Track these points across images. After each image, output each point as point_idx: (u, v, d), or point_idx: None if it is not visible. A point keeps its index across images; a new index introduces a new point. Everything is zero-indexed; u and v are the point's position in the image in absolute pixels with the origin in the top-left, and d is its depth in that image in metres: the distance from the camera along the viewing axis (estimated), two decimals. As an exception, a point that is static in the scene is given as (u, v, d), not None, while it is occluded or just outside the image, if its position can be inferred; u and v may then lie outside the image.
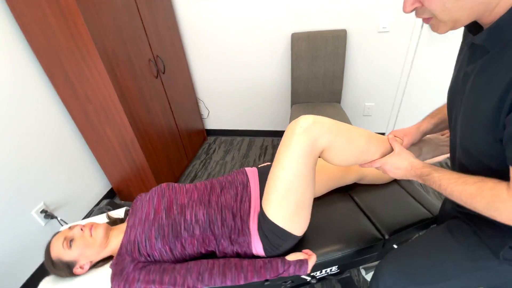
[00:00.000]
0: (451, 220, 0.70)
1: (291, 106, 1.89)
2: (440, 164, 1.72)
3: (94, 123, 1.37)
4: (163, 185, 0.90)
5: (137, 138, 1.37)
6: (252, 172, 0.95)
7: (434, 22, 0.49)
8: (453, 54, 1.97)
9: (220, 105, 2.24)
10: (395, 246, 1.28)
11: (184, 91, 1.93)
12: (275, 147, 2.17)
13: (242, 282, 0.74)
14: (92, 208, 1.61)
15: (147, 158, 1.46)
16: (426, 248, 0.70)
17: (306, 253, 0.78)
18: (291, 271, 0.74)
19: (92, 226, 0.82)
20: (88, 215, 1.35)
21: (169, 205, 0.82)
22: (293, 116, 1.70)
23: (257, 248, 0.79)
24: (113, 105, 1.25)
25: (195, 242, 0.79)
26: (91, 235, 0.80)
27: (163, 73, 1.61)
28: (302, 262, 0.75)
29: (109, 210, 1.39)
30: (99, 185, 1.69)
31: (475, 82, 0.50)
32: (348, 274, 1.19)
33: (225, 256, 0.81)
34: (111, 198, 1.67)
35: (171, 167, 1.77)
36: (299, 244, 0.83)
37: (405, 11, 0.49)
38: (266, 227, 0.76)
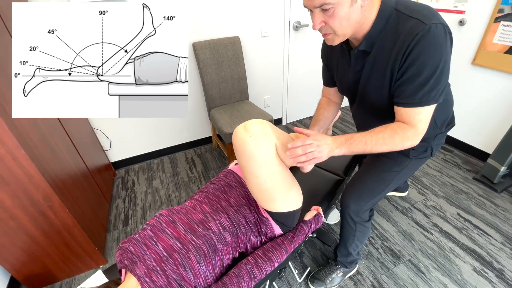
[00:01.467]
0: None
1: (209, 111, 1.95)
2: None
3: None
4: (163, 212, 0.79)
5: (55, 191, 1.01)
6: (238, 170, 0.99)
7: (331, 37, 0.69)
8: (308, 49, 2.72)
9: (123, 131, 1.94)
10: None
11: (78, 121, 1.55)
12: (201, 156, 2.15)
13: (284, 258, 0.81)
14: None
15: (73, 213, 1.11)
16: (369, 172, 0.98)
17: (314, 209, 0.95)
18: (313, 227, 0.89)
19: None
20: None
21: (190, 227, 0.74)
22: (217, 120, 1.78)
23: (277, 230, 0.87)
24: (8, 153, 0.87)
25: (230, 249, 0.78)
26: None
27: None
28: (318, 216, 0.91)
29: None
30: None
31: (370, 71, 0.75)
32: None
33: (254, 250, 0.84)
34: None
35: (97, 217, 1.40)
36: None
37: (314, 28, 0.67)
38: (276, 217, 0.85)
